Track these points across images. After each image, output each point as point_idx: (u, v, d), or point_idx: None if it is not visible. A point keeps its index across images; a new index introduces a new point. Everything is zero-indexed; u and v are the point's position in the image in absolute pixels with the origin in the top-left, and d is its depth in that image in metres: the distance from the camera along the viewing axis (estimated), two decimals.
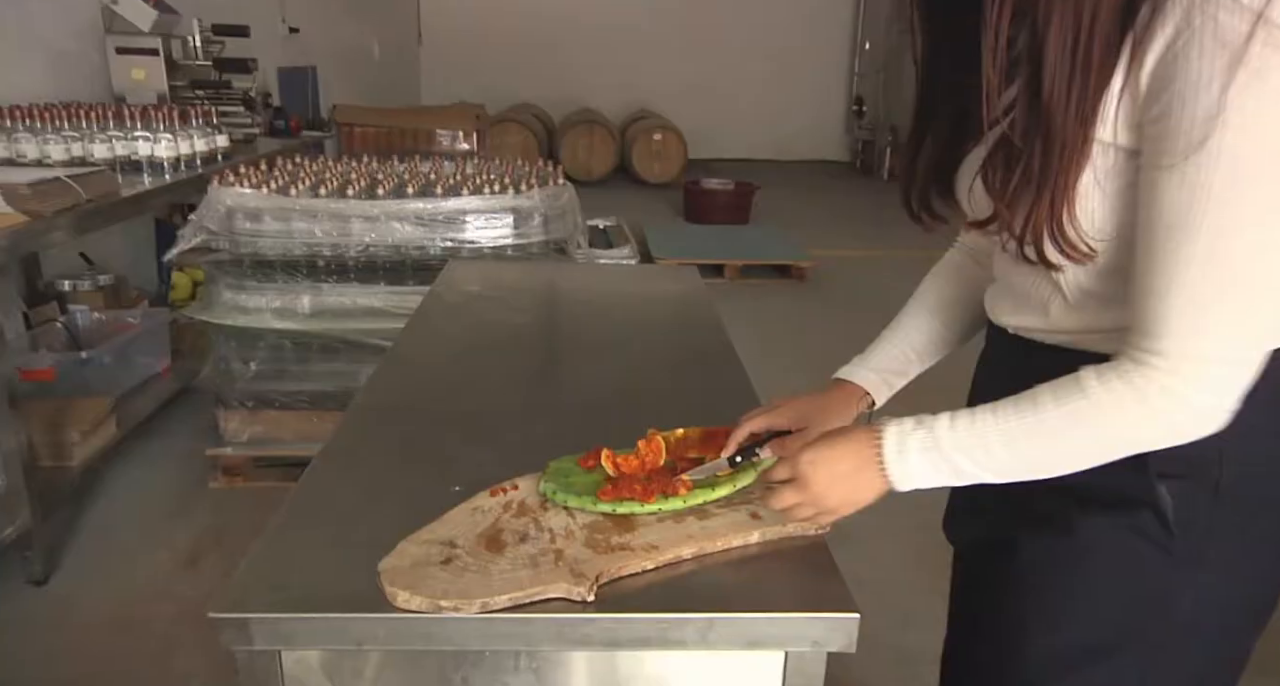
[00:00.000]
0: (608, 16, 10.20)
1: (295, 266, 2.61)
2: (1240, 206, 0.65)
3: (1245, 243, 0.66)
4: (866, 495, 0.84)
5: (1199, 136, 0.65)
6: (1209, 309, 0.68)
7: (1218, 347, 0.69)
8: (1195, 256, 0.67)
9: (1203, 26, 0.63)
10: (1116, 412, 0.73)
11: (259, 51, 4.43)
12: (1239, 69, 0.62)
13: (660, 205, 7.65)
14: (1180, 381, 0.71)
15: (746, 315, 4.52)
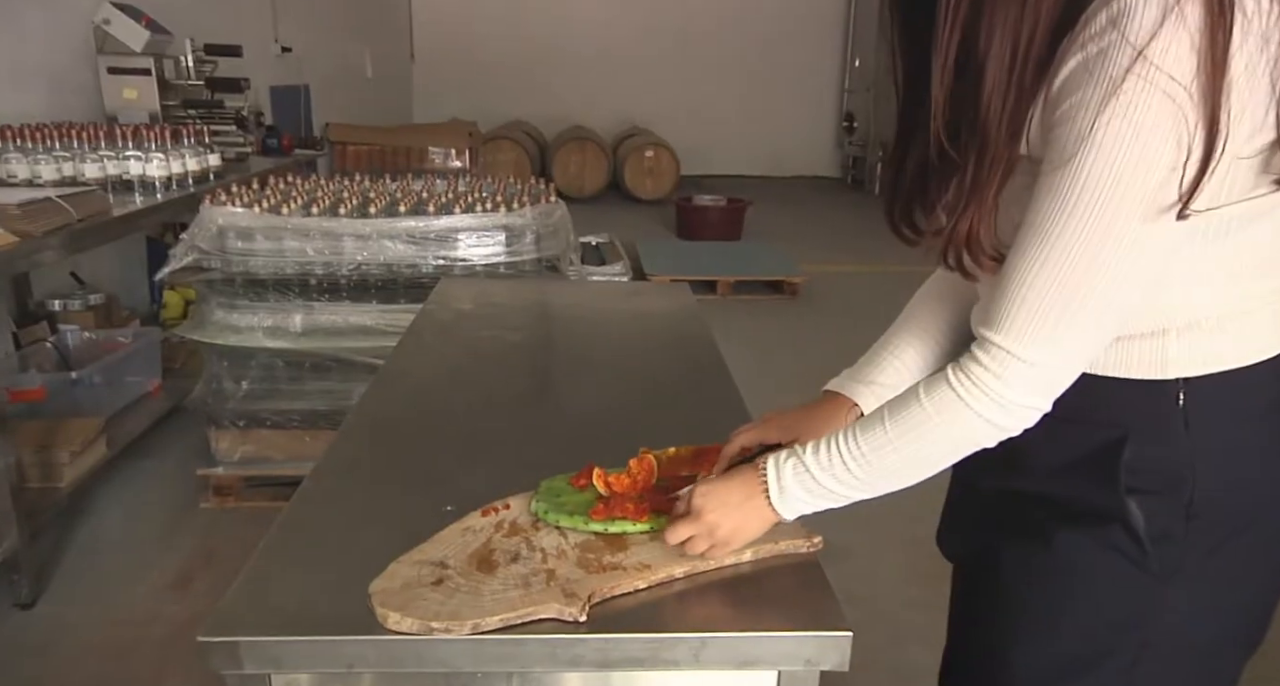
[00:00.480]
0: (600, 34, 10.27)
1: (287, 285, 2.60)
2: (1086, 224, 0.70)
3: (1083, 258, 0.71)
4: (756, 524, 0.89)
5: (1069, 153, 0.70)
6: (1036, 310, 0.73)
7: (1032, 348, 0.74)
8: (1038, 259, 0.72)
9: (1096, 55, 0.68)
10: (942, 416, 0.79)
11: (251, 71, 4.44)
12: (1113, 99, 0.67)
13: (653, 222, 7.68)
14: (991, 376, 0.76)
15: (739, 331, 4.53)
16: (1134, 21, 0.66)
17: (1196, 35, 0.65)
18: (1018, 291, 0.74)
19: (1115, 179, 0.68)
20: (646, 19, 10.20)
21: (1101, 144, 0.68)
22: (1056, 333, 0.74)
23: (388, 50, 9.46)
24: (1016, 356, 0.75)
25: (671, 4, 10.13)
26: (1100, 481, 0.82)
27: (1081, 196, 0.70)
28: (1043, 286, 0.73)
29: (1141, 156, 0.67)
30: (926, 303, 1.06)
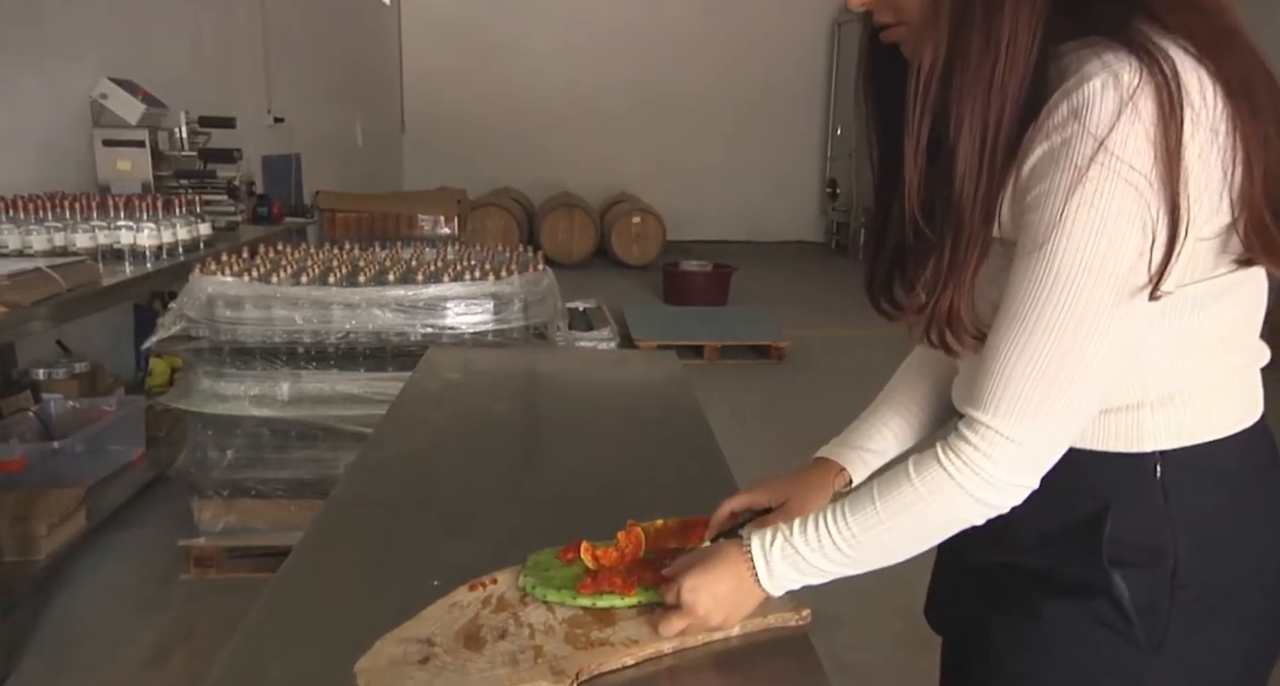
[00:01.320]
0: (587, 102, 10.52)
1: (275, 353, 2.61)
2: (1062, 308, 0.73)
3: (1061, 342, 0.73)
4: (749, 604, 0.90)
5: (1041, 238, 0.72)
6: (1021, 392, 0.75)
7: (1019, 428, 0.76)
8: (1019, 343, 0.75)
9: (1060, 145, 0.71)
10: (932, 495, 0.79)
11: (244, 141, 4.52)
12: (1079, 187, 0.70)
13: (640, 287, 7.75)
14: (980, 455, 0.77)
15: (726, 397, 4.54)
16: (1093, 113, 0.69)
17: (1151, 127, 0.68)
18: (1001, 373, 0.76)
19: (1087, 265, 0.71)
20: (633, 87, 10.47)
21: (1071, 231, 0.71)
22: (1041, 413, 0.75)
23: (378, 119, 9.65)
24: (1004, 436, 0.76)
25: (658, 72, 10.42)
26: (1084, 554, 0.83)
27: (1056, 282, 0.72)
28: (1025, 369, 0.75)
29: (1110, 243, 0.70)
30: (910, 376, 1.08)
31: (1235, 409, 0.85)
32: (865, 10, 0.84)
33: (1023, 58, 0.72)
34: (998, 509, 0.79)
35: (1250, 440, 0.85)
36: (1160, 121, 0.68)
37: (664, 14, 10.32)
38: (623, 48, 10.42)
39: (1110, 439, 0.83)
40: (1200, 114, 0.70)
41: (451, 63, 10.53)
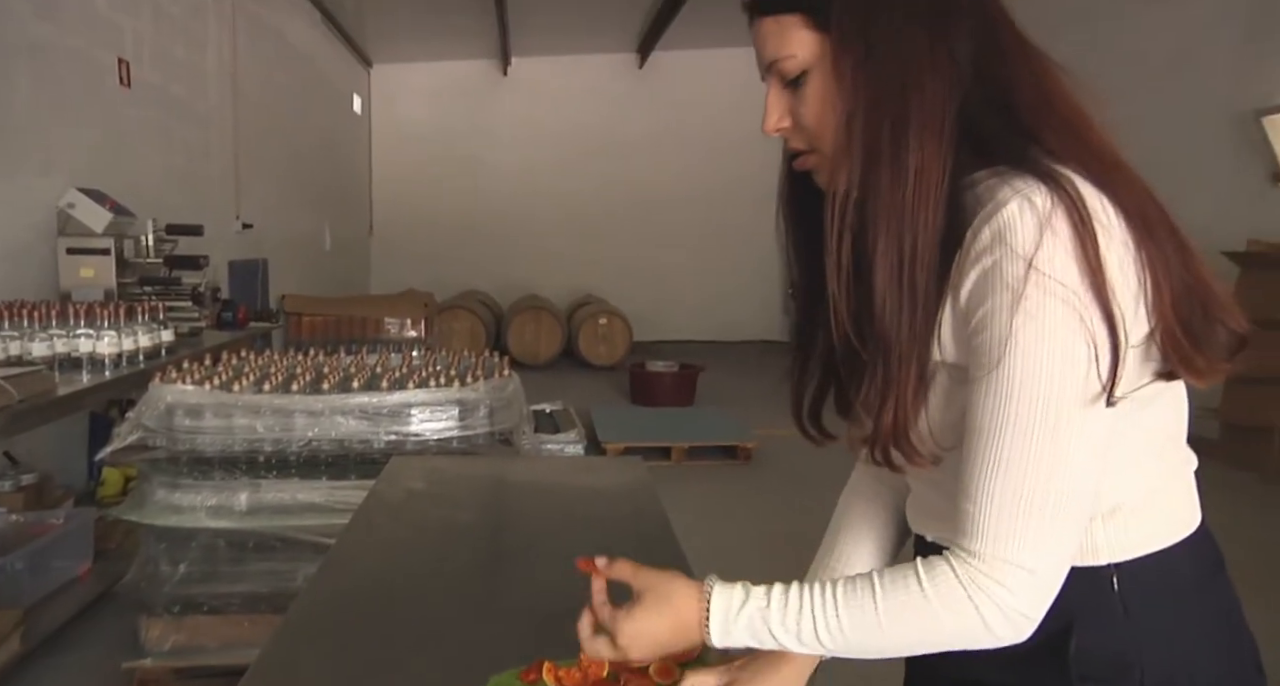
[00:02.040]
0: (553, 205, 10.78)
1: (234, 462, 2.55)
2: (1034, 421, 0.73)
3: (1036, 458, 0.73)
4: (679, 647, 0.86)
5: (995, 357, 0.74)
6: (1011, 516, 0.74)
7: (1022, 553, 0.74)
8: (997, 463, 0.74)
9: (992, 267, 0.73)
10: (944, 608, 0.76)
11: (211, 247, 4.55)
12: (1020, 305, 0.72)
13: (607, 388, 7.76)
14: (996, 583, 0.75)
15: (694, 498, 4.51)
16: (1017, 235, 0.72)
17: (1070, 244, 0.72)
18: (991, 502, 0.74)
19: (1046, 375, 0.72)
20: (599, 190, 10.77)
21: (1022, 346, 0.72)
22: (1044, 534, 0.74)
23: (347, 222, 9.78)
24: (1017, 565, 0.74)
25: (623, 176, 10.75)
26: (1053, 671, 0.82)
27: (1020, 397, 0.73)
28: (1015, 491, 0.73)
29: (1062, 352, 0.72)
30: (856, 505, 1.06)
31: (1179, 515, 0.87)
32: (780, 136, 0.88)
33: (933, 187, 0.76)
34: (1004, 641, 0.76)
35: (1197, 546, 0.86)
36: (1077, 237, 0.72)
37: (629, 119, 10.73)
38: (589, 152, 10.76)
39: None
40: (1110, 229, 0.74)
41: (420, 167, 10.80)
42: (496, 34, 9.33)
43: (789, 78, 0.84)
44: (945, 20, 0.78)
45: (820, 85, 0.82)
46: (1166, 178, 0.90)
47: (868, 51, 0.78)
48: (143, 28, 4.91)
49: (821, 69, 0.81)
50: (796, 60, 0.82)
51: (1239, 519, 4.36)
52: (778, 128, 0.87)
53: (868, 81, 0.78)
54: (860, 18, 0.78)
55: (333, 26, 8.97)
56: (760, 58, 0.86)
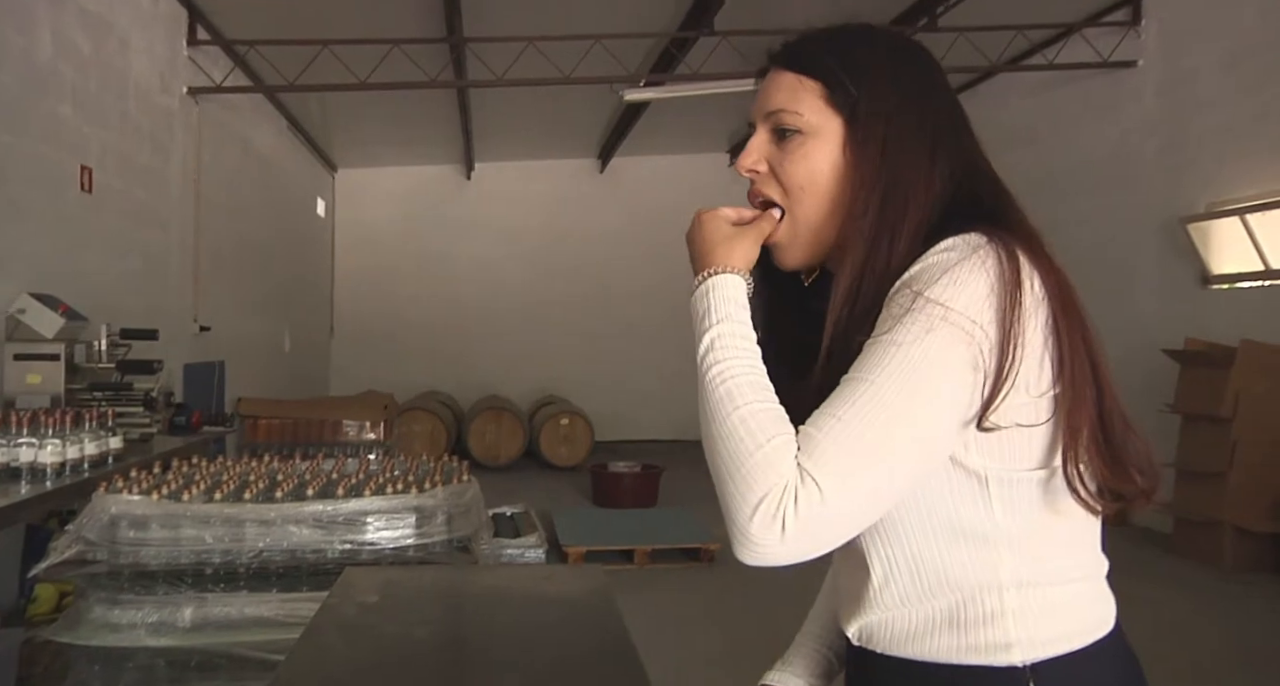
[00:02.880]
0: (514, 307, 10.85)
1: (179, 575, 2.45)
2: (899, 376, 0.78)
3: (886, 403, 0.77)
4: (691, 248, 0.96)
5: (886, 329, 0.80)
6: (843, 446, 0.76)
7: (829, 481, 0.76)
8: (851, 400, 0.78)
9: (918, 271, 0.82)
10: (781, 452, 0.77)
11: (167, 351, 4.49)
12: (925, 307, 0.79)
13: (568, 489, 7.66)
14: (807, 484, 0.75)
15: (657, 603, 4.40)
16: (942, 256, 0.81)
17: (993, 278, 0.79)
18: (829, 425, 0.77)
19: (925, 350, 0.78)
20: (560, 291, 10.89)
21: (916, 323, 0.79)
22: (853, 472, 0.76)
23: (307, 324, 9.74)
24: (821, 490, 0.75)
25: (584, 277, 10.89)
26: None
27: (898, 357, 0.78)
28: (851, 424, 0.77)
29: (947, 345, 0.78)
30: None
31: (1092, 615, 0.87)
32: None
33: (899, 270, 0.84)
34: (758, 546, 0.77)
35: (1113, 648, 0.86)
36: (1000, 275, 0.79)
37: (590, 222, 10.96)
38: (550, 254, 10.93)
39: (981, 651, 0.83)
40: (1032, 283, 0.81)
41: (382, 269, 10.86)
42: (460, 141, 9.59)
43: (784, 128, 0.90)
44: (942, 141, 0.89)
45: (814, 153, 0.89)
46: (1109, 279, 0.95)
47: (883, 157, 0.86)
48: (108, 136, 4.98)
49: (821, 140, 0.88)
50: (800, 119, 0.89)
51: (1201, 616, 4.35)
52: (752, 169, 0.93)
53: (877, 183, 0.86)
54: (882, 124, 0.87)
55: (298, 133, 9.16)
56: (763, 103, 0.92)
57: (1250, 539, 5.02)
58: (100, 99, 4.89)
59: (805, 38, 0.93)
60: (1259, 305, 5.45)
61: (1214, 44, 5.81)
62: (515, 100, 7.99)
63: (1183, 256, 5.90)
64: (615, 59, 6.53)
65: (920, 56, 0.93)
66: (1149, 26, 6.38)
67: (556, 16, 6.30)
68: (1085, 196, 6.58)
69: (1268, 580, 4.86)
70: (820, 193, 0.88)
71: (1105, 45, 6.51)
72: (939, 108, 0.90)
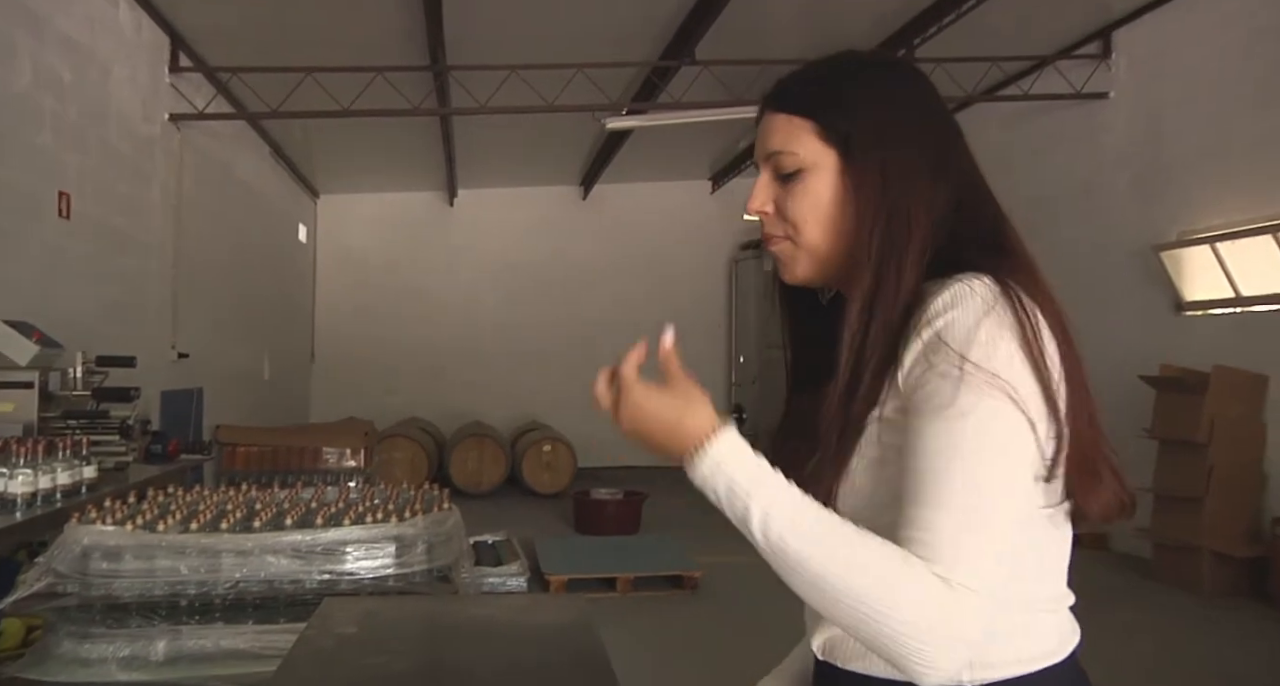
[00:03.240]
0: (497, 333, 10.83)
1: (153, 608, 2.41)
2: (982, 457, 0.79)
3: (983, 483, 0.79)
4: (658, 445, 0.88)
5: (945, 402, 0.81)
6: (961, 534, 0.78)
7: (975, 575, 0.77)
8: (955, 490, 0.79)
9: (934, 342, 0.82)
10: (911, 577, 0.76)
11: (144, 378, 4.44)
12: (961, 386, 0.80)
13: (551, 516, 7.61)
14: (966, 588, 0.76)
15: (640, 632, 4.36)
16: (959, 310, 0.82)
17: (1013, 331, 0.81)
18: (938, 521, 0.78)
19: (991, 423, 0.79)
20: (543, 317, 10.88)
21: (971, 392, 0.80)
22: (983, 556, 0.77)
23: (288, 350, 9.67)
24: (968, 587, 0.76)
25: (567, 303, 10.90)
26: None
27: (969, 434, 0.79)
28: (958, 513, 0.77)
29: (1007, 413, 0.80)
30: None
31: (1048, 642, 0.88)
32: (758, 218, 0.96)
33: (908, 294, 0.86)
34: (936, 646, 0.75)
35: (1065, 675, 0.88)
36: (1018, 324, 0.81)
37: (573, 248, 10.99)
38: (533, 279, 10.94)
39: None
40: (1041, 326, 0.83)
41: (364, 295, 10.82)
42: (443, 168, 9.62)
43: (784, 172, 0.92)
44: (940, 160, 0.90)
45: (814, 187, 0.90)
46: (1085, 306, 1.00)
47: (884, 186, 0.88)
48: (88, 162, 4.96)
49: (820, 175, 0.90)
50: (797, 158, 0.91)
51: (1181, 641, 4.36)
52: (760, 210, 0.95)
53: (880, 209, 0.88)
54: (878, 150, 0.88)
55: (281, 159, 9.16)
56: (762, 146, 0.94)
57: (1229, 563, 5.05)
58: (80, 126, 4.88)
59: (793, 77, 0.95)
60: (1231, 331, 5.53)
61: (1181, 78, 5.95)
62: (498, 127, 8.04)
63: (1156, 284, 5.99)
64: (597, 87, 6.60)
65: (910, 76, 0.95)
66: (1119, 60, 6.53)
67: (539, 46, 6.36)
68: (1061, 224, 6.68)
69: (1246, 605, 4.89)
70: (825, 223, 0.90)
71: (1078, 77, 6.64)
72: (934, 126, 0.92)
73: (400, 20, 5.98)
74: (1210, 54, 5.72)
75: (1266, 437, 5.21)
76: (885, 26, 6.48)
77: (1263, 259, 5.24)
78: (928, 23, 6.21)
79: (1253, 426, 5.19)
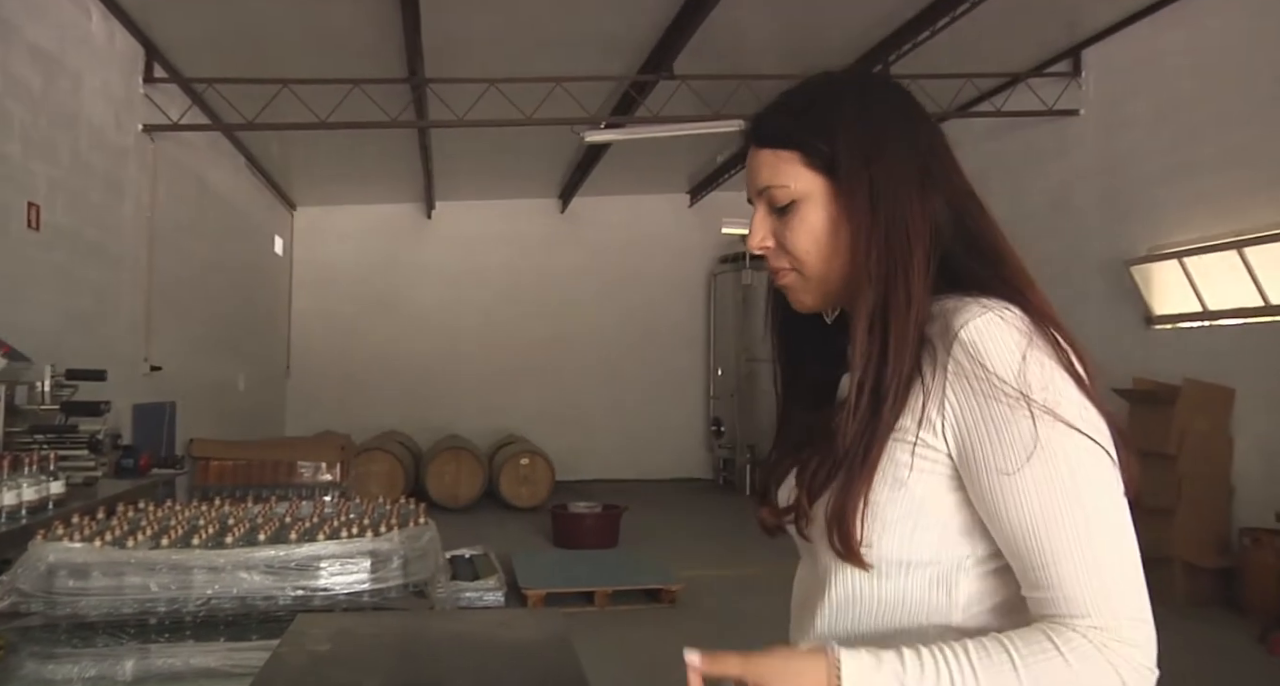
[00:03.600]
0: (474, 347, 10.78)
1: (121, 627, 2.36)
2: (1093, 495, 0.82)
3: (1111, 526, 0.82)
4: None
5: (1025, 454, 0.81)
6: (1112, 580, 0.80)
7: (1136, 609, 0.81)
8: (1083, 539, 0.81)
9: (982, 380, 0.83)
10: (1087, 674, 0.77)
11: (115, 391, 4.38)
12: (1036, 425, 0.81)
13: (528, 530, 7.56)
14: (1128, 645, 0.79)
15: (618, 646, 4.34)
16: (994, 351, 0.83)
17: (1054, 358, 0.84)
18: (1087, 572, 0.80)
19: (1080, 459, 0.81)
20: (521, 332, 10.85)
21: (1054, 444, 0.81)
22: (1139, 587, 0.81)
23: (262, 364, 9.57)
24: (1140, 620, 0.80)
25: (545, 317, 10.88)
26: None
27: (1061, 475, 0.81)
28: (1107, 557, 0.81)
29: (1086, 447, 0.82)
30: None
31: None
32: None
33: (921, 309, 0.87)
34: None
35: None
36: (1054, 350, 0.84)
37: (551, 261, 10.99)
38: (512, 293, 10.92)
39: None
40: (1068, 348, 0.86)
41: (341, 308, 10.75)
42: (421, 180, 9.59)
43: (778, 205, 0.92)
44: (928, 170, 0.91)
45: (809, 216, 0.91)
46: None
47: (876, 202, 0.89)
48: (58, 174, 4.90)
49: (812, 202, 0.91)
50: (788, 191, 0.91)
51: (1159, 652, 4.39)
52: (761, 246, 0.95)
53: (875, 226, 0.88)
54: (865, 169, 0.89)
55: (257, 171, 9.10)
56: (753, 183, 0.94)
57: (1200, 574, 5.11)
58: (50, 136, 4.82)
59: (771, 110, 0.95)
60: (1200, 345, 5.62)
61: (1148, 96, 6.06)
62: (477, 140, 8.04)
63: (1128, 298, 6.08)
64: (576, 101, 6.62)
65: (887, 90, 0.96)
66: (1089, 77, 6.64)
67: (518, 59, 6.38)
68: (1034, 239, 6.75)
69: (1219, 615, 4.94)
70: (826, 250, 0.91)
71: (1049, 94, 6.75)
72: (918, 137, 0.92)
73: (378, 32, 5.97)
74: (1176, 73, 5.84)
75: (1234, 449, 5.29)
76: (861, 43, 6.56)
77: (1229, 274, 5.34)
78: (903, 39, 6.30)
79: (1220, 438, 5.27)
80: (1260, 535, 4.90)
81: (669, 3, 5.81)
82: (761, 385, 9.69)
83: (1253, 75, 5.29)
